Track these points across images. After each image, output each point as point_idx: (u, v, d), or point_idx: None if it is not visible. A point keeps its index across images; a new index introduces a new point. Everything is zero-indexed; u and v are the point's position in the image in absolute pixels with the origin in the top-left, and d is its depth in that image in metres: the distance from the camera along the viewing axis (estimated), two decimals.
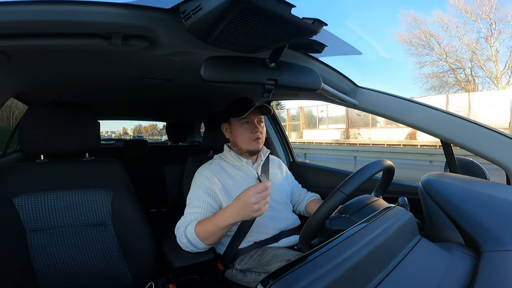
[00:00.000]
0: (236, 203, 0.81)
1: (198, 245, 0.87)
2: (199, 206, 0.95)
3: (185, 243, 0.88)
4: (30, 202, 0.89)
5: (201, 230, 0.86)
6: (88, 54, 0.76)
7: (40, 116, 0.95)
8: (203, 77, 0.60)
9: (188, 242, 0.87)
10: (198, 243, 0.87)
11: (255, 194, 0.77)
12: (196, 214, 0.94)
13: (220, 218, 0.84)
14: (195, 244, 0.87)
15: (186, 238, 0.87)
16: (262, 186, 0.78)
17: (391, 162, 0.81)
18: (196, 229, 0.87)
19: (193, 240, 0.86)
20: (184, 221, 0.93)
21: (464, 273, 0.51)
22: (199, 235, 0.86)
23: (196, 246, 0.88)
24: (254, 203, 0.77)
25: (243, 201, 0.79)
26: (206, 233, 0.86)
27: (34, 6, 0.51)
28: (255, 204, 0.77)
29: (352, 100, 0.99)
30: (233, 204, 0.82)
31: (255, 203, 0.77)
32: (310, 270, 0.41)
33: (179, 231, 0.91)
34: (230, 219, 0.82)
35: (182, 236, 0.88)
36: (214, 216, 0.87)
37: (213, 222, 0.85)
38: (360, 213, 0.74)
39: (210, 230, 0.85)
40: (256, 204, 0.77)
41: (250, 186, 0.80)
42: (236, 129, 1.06)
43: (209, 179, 1.01)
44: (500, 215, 0.61)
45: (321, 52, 0.79)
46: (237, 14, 0.43)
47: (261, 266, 0.91)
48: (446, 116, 0.85)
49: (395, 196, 0.90)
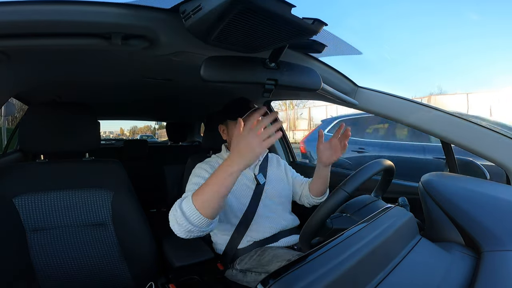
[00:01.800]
0: (237, 150, 0.69)
1: (193, 218, 0.70)
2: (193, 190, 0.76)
3: (178, 217, 0.71)
4: (30, 202, 0.89)
5: (197, 195, 0.71)
6: (88, 54, 0.76)
7: (40, 116, 0.95)
8: (203, 77, 0.60)
9: (183, 216, 0.70)
10: (193, 214, 0.70)
11: (251, 131, 0.67)
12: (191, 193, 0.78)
13: (218, 171, 0.70)
14: (189, 216, 0.70)
15: (181, 211, 0.71)
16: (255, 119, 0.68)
17: (391, 162, 0.81)
18: (193, 199, 0.71)
19: (189, 210, 0.70)
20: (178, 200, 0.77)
21: (464, 273, 0.51)
22: (195, 202, 0.70)
23: (191, 220, 0.70)
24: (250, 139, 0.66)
25: (241, 142, 0.68)
26: (204, 198, 0.70)
27: (34, 6, 0.51)
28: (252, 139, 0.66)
29: (352, 100, 0.99)
30: (233, 154, 0.70)
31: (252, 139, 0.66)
32: (310, 270, 0.41)
33: (172, 211, 0.75)
34: (230, 168, 0.68)
35: (176, 209, 0.73)
36: (211, 176, 0.72)
37: (211, 179, 0.71)
38: (360, 213, 0.74)
39: (209, 191, 0.70)
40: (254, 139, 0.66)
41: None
42: (233, 131, 1.04)
43: (207, 171, 0.99)
44: (500, 215, 0.61)
45: (321, 52, 0.79)
46: (237, 14, 0.43)
47: (261, 266, 0.91)
48: (446, 116, 0.85)
49: (395, 196, 0.90)
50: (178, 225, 0.72)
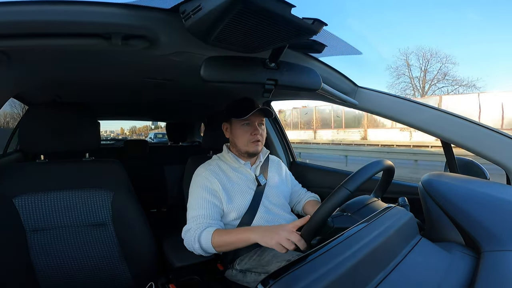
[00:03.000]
0: (268, 227, 0.85)
1: (209, 251, 0.90)
2: (203, 207, 0.95)
3: (196, 249, 0.90)
4: (30, 202, 0.89)
5: (219, 239, 0.88)
6: (88, 54, 0.76)
7: (40, 116, 0.95)
8: (203, 77, 0.60)
9: (200, 248, 0.89)
10: (209, 249, 0.89)
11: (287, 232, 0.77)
12: (204, 217, 0.94)
13: (243, 230, 0.88)
14: (206, 249, 0.89)
15: (199, 244, 0.89)
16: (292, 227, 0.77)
17: (391, 162, 0.81)
18: (213, 237, 0.88)
19: (206, 246, 0.88)
20: (195, 225, 0.93)
21: (464, 273, 0.51)
22: (214, 243, 0.88)
23: (206, 251, 0.90)
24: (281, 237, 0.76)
25: (275, 229, 0.80)
26: (223, 243, 0.88)
27: (34, 6, 0.51)
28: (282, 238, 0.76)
29: (352, 100, 0.99)
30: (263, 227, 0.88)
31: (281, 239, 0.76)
32: (310, 270, 0.41)
33: (189, 234, 0.92)
34: (251, 236, 0.84)
35: (194, 241, 0.89)
36: (236, 229, 0.92)
37: (234, 233, 0.88)
38: (361, 212, 0.74)
39: (229, 241, 0.87)
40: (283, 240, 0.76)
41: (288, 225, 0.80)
42: (237, 129, 1.06)
43: (208, 179, 1.00)
44: (500, 215, 0.61)
45: (321, 52, 0.79)
46: (237, 14, 0.43)
47: (261, 266, 0.91)
48: (446, 116, 0.85)
49: (395, 196, 0.90)
50: (193, 249, 0.91)
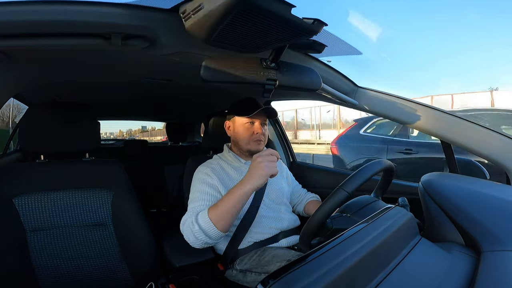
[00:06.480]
0: (248, 172, 0.83)
1: (211, 232, 0.82)
2: (203, 199, 0.94)
3: (196, 231, 0.82)
4: (30, 202, 0.89)
5: (214, 211, 0.83)
6: (88, 54, 0.76)
7: (40, 116, 0.95)
8: (203, 77, 0.60)
9: (200, 229, 0.82)
10: (210, 229, 0.82)
11: (262, 156, 0.81)
12: (202, 206, 0.91)
13: (232, 190, 0.83)
14: (207, 230, 0.82)
15: (198, 225, 0.83)
16: (268, 152, 0.82)
17: (391, 163, 0.81)
18: (209, 214, 0.83)
19: (206, 225, 0.82)
20: (192, 213, 0.89)
21: (464, 273, 0.51)
22: (212, 218, 0.82)
23: (208, 233, 0.82)
24: (260, 162, 0.80)
25: (252, 166, 0.82)
26: (219, 213, 0.82)
27: (34, 6, 0.51)
28: (261, 163, 0.80)
29: (352, 100, 0.99)
30: (245, 176, 0.84)
31: (262, 162, 0.80)
32: (310, 270, 0.41)
33: (186, 223, 0.87)
34: (243, 187, 0.80)
35: (193, 223, 0.84)
36: (225, 195, 0.86)
37: (226, 197, 0.83)
38: (360, 213, 0.74)
39: (224, 208, 0.82)
40: (263, 163, 0.79)
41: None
42: (239, 127, 1.06)
43: (209, 175, 1.00)
44: (500, 215, 0.61)
45: (321, 52, 0.79)
46: (237, 14, 0.43)
47: (261, 266, 0.91)
48: (446, 116, 0.85)
49: (395, 196, 0.90)
50: (195, 237, 0.84)
